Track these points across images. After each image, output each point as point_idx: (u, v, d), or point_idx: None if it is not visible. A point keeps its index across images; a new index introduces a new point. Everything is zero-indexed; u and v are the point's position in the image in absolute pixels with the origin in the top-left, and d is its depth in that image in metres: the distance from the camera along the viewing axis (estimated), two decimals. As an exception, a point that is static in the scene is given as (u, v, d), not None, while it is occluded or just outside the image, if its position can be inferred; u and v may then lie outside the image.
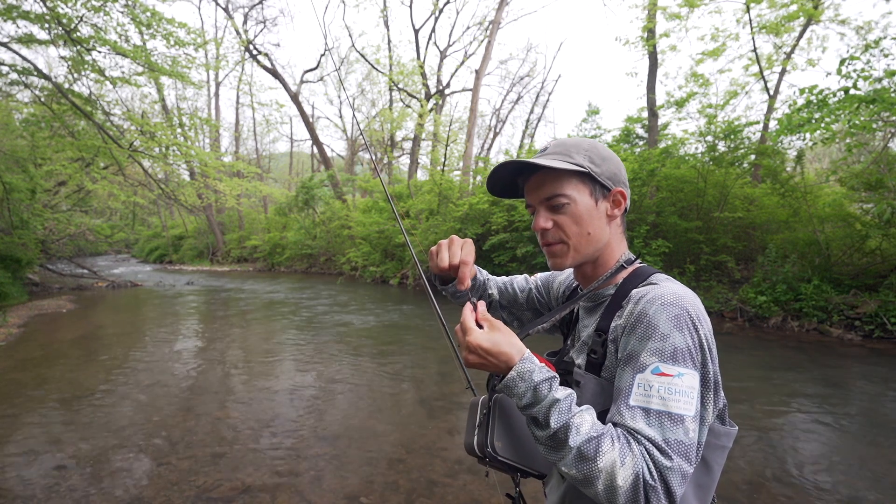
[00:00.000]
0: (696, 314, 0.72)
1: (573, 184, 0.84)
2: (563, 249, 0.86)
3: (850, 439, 3.62)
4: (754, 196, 9.66)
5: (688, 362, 0.69)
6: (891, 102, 6.06)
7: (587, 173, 0.84)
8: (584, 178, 0.85)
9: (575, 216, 0.84)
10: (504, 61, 32.94)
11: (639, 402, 0.68)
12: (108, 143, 11.56)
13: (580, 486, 0.67)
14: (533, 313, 1.14)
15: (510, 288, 1.16)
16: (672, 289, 0.75)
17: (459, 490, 2.86)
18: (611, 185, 0.86)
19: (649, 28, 12.00)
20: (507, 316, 1.17)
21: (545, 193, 0.85)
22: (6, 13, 9.03)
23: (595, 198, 0.85)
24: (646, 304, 0.74)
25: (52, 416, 4.09)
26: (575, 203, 0.84)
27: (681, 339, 0.70)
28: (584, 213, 0.84)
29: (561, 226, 0.85)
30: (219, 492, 2.82)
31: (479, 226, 12.30)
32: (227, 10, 22.91)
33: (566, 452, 0.67)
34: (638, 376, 0.70)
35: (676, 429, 0.66)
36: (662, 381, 0.68)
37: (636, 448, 0.65)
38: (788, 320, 7.30)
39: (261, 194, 21.38)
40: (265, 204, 27.48)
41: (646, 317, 0.72)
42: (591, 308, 0.91)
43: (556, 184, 0.84)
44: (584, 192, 0.84)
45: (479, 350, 0.73)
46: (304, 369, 5.55)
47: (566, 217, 0.84)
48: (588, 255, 0.87)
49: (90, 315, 9.75)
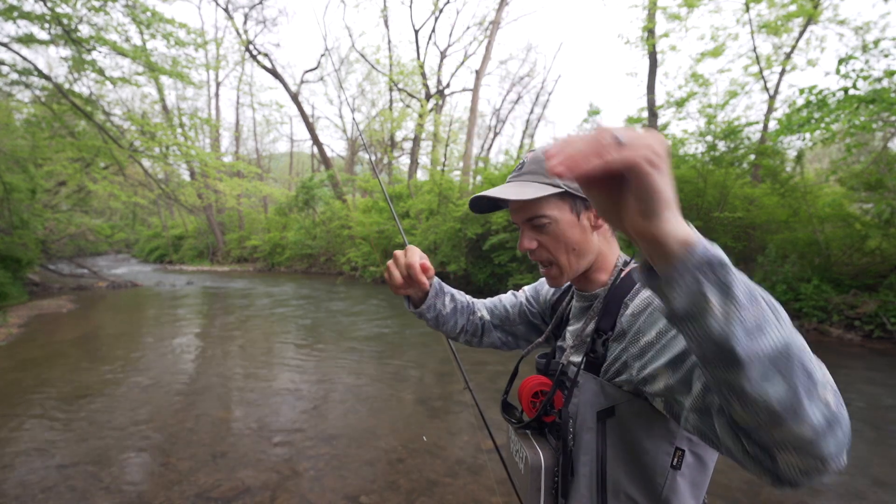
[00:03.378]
0: None
1: (552, 203, 0.83)
2: (556, 272, 0.87)
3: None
4: (754, 196, 9.65)
5: None
6: (890, 102, 6.06)
7: (565, 191, 0.83)
8: (562, 195, 0.83)
9: (557, 235, 0.84)
10: (504, 61, 32.86)
11: None
12: (108, 143, 11.58)
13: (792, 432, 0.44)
14: (526, 326, 1.14)
15: (499, 306, 1.16)
16: None
17: (459, 490, 2.86)
18: None
19: (649, 28, 12.01)
20: (501, 335, 1.15)
21: (525, 216, 0.85)
22: (6, 13, 9.03)
23: (576, 212, 0.84)
24: None
25: (53, 416, 4.10)
26: (556, 222, 0.83)
27: None
28: (566, 230, 0.84)
29: (546, 246, 0.85)
30: (219, 492, 2.83)
31: (479, 226, 12.29)
32: (227, 10, 22.91)
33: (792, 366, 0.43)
34: None
35: None
36: None
37: None
38: (788, 320, 7.29)
39: (261, 194, 21.40)
40: (265, 204, 27.48)
41: None
42: (584, 308, 0.91)
43: (535, 206, 0.84)
44: (565, 209, 0.84)
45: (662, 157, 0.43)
46: (303, 369, 5.55)
47: (548, 237, 0.84)
48: (581, 268, 0.87)
49: (90, 315, 9.75)
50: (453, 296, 1.09)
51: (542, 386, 0.87)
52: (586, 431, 0.79)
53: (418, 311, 1.05)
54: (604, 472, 0.78)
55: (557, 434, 0.82)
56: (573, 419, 0.81)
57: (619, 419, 0.77)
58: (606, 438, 0.78)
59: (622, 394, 0.76)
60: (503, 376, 4.87)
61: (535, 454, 0.82)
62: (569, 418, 0.81)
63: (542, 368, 0.94)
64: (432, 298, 1.03)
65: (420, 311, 1.04)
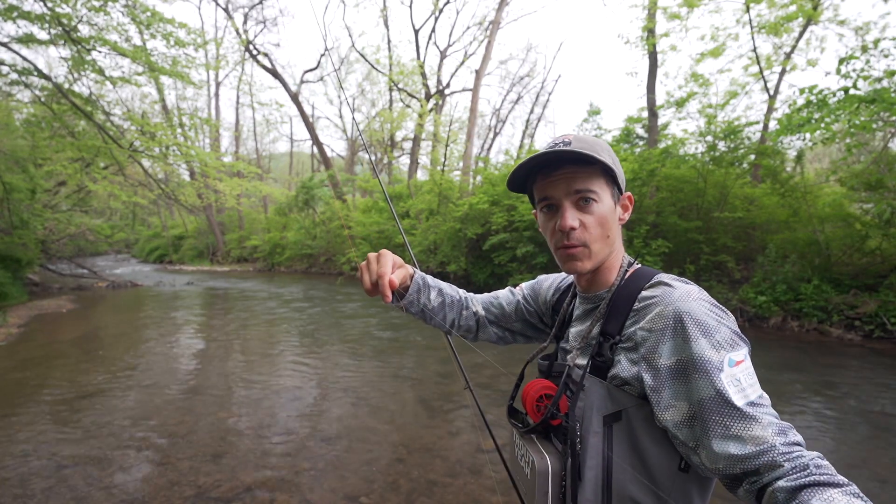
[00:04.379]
0: (709, 300, 0.74)
1: (601, 182, 0.82)
2: (584, 253, 0.82)
3: (850, 439, 3.62)
4: (754, 196, 9.65)
5: (739, 341, 0.70)
6: (891, 102, 6.06)
7: (611, 173, 0.82)
8: (608, 177, 0.83)
9: (599, 216, 0.82)
10: (504, 61, 32.95)
11: (738, 399, 0.65)
12: (108, 143, 11.57)
13: None
14: (522, 323, 1.12)
15: (495, 303, 1.14)
16: (688, 288, 0.76)
17: (459, 490, 2.86)
18: (623, 188, 0.86)
19: (649, 28, 12.01)
20: (497, 330, 1.14)
21: (576, 186, 0.81)
22: (6, 13, 9.03)
23: (614, 199, 0.84)
24: (677, 304, 0.72)
25: (53, 415, 4.09)
26: (601, 202, 0.81)
27: (726, 326, 0.71)
28: (607, 214, 0.82)
29: (587, 226, 0.81)
30: (219, 492, 2.82)
31: (479, 226, 12.29)
32: (227, 10, 22.93)
33: None
34: (721, 376, 0.66)
35: (776, 423, 0.64)
36: (739, 369, 0.68)
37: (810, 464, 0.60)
38: (788, 320, 7.30)
39: (261, 194, 21.39)
40: (265, 204, 27.48)
41: (684, 316, 0.71)
42: (589, 310, 0.90)
43: (588, 179, 0.81)
44: (608, 192, 0.83)
45: None
46: (304, 369, 5.55)
47: (592, 217, 0.81)
48: (602, 259, 0.85)
49: (90, 315, 9.75)
50: (441, 290, 1.07)
51: (547, 390, 0.86)
52: (592, 435, 0.77)
53: (398, 304, 1.01)
54: (609, 476, 0.77)
55: (563, 438, 0.81)
56: (580, 423, 0.79)
57: (627, 423, 0.76)
58: (613, 442, 0.76)
59: (630, 398, 0.75)
60: (504, 377, 4.87)
61: (541, 459, 0.81)
62: (576, 422, 0.79)
63: (544, 371, 0.92)
64: (414, 294, 1.01)
65: (401, 306, 1.02)
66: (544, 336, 1.11)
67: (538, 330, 1.12)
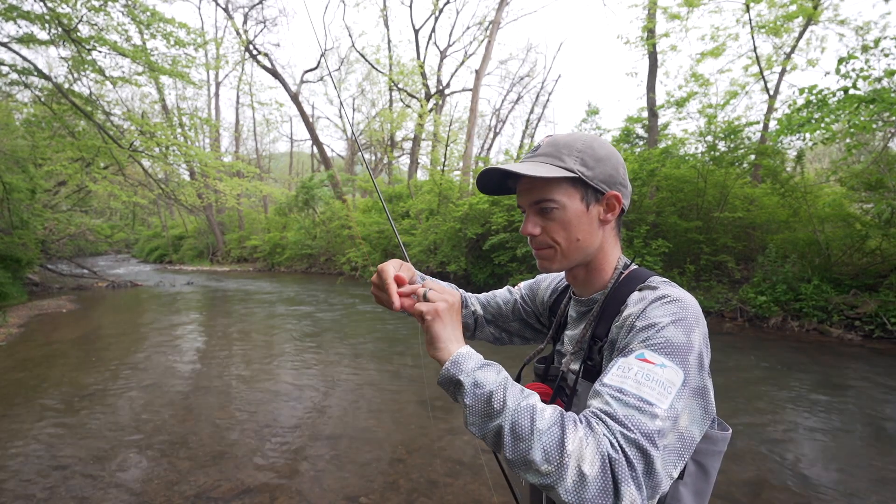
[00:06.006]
0: (694, 316, 0.71)
1: (563, 189, 0.81)
2: (551, 254, 0.85)
3: (850, 439, 3.62)
4: (754, 196, 9.66)
5: (675, 357, 0.66)
6: (891, 102, 6.05)
7: (578, 177, 0.81)
8: (574, 182, 0.81)
9: (563, 222, 0.82)
10: (504, 61, 32.91)
11: (613, 380, 0.65)
12: (108, 143, 11.56)
13: (546, 488, 0.60)
14: (520, 323, 1.12)
15: (493, 302, 1.14)
16: (672, 291, 0.75)
17: (460, 490, 2.86)
18: (605, 188, 0.82)
19: (649, 28, 12.02)
20: (495, 330, 1.14)
21: (533, 198, 0.83)
22: (6, 13, 9.03)
23: (586, 202, 0.82)
24: (647, 303, 0.74)
25: (53, 415, 4.09)
26: (564, 209, 0.81)
27: (673, 334, 0.68)
28: (573, 219, 0.82)
29: (549, 231, 0.83)
30: (219, 492, 2.82)
31: (479, 226, 12.30)
32: (227, 10, 22.90)
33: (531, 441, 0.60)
34: (620, 359, 0.68)
35: (643, 415, 0.60)
36: (643, 366, 0.65)
37: (598, 427, 0.60)
38: (788, 320, 7.30)
39: (261, 194, 21.37)
40: (265, 204, 27.47)
41: (644, 313, 0.72)
42: (583, 313, 0.90)
43: (545, 189, 0.82)
44: (575, 197, 0.82)
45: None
46: (304, 369, 5.55)
47: (554, 223, 0.82)
48: (577, 260, 0.85)
49: (90, 315, 9.75)
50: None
51: (542, 394, 0.86)
52: None
53: None
54: None
55: None
56: None
57: None
58: None
59: None
60: (503, 376, 4.86)
61: None
62: None
63: (540, 374, 0.93)
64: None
65: None
66: (542, 337, 1.11)
67: (535, 331, 1.12)
